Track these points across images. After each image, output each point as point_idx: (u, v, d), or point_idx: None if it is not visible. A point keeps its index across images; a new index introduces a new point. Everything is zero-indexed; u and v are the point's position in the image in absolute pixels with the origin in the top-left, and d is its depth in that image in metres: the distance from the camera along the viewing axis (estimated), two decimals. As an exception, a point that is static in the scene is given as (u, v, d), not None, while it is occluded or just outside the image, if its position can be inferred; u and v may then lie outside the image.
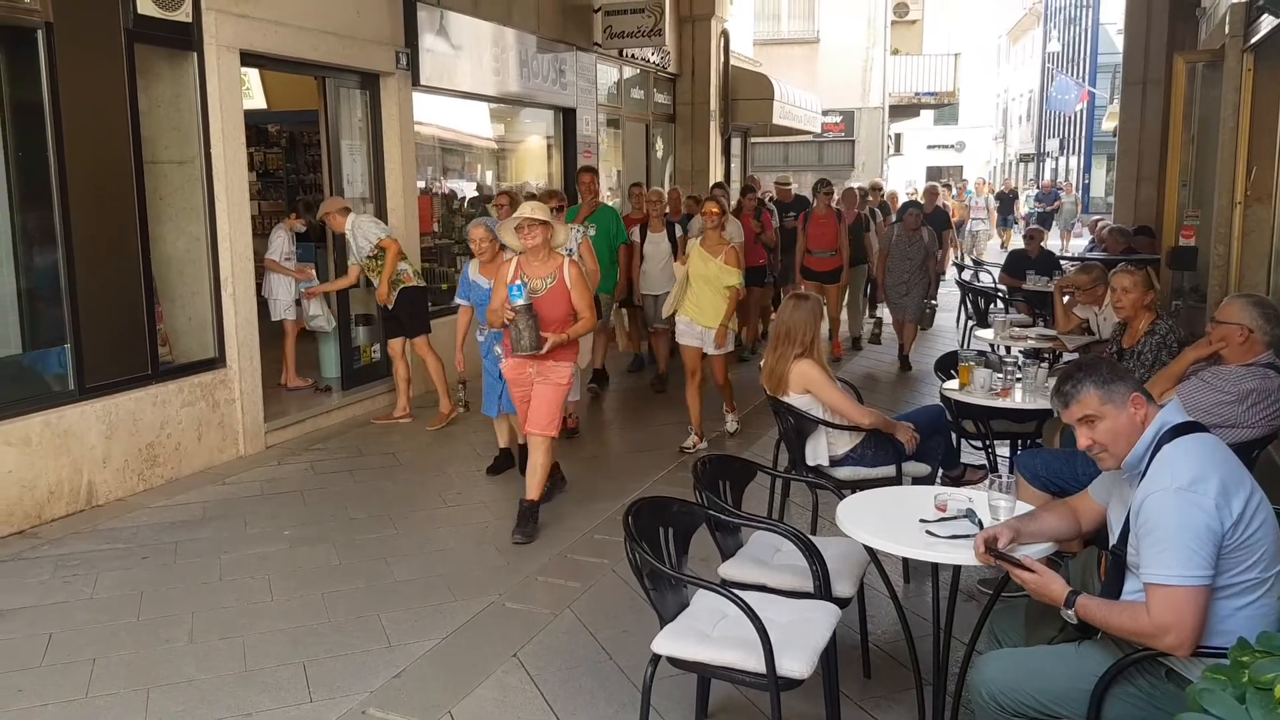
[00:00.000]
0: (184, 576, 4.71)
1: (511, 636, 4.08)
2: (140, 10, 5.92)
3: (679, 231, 8.73)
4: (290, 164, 12.28)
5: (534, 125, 11.63)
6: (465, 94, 9.65)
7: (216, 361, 6.62)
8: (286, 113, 11.39)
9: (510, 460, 6.23)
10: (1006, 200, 25.66)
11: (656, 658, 2.97)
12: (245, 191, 6.87)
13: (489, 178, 11.08)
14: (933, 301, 9.97)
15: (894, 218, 11.14)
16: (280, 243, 8.13)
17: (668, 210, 9.11)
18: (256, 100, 11.00)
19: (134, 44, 5.97)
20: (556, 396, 5.10)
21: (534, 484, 5.22)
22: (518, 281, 4.90)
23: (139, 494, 5.88)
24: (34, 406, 5.51)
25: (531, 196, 7.27)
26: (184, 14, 6.24)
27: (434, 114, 9.42)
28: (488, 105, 10.56)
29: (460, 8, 9.15)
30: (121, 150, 5.91)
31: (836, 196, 10.39)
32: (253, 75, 10.36)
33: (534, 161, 11.73)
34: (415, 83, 8.54)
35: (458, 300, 6.31)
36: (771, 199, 11.43)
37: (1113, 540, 2.71)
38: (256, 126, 11.09)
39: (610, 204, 10.13)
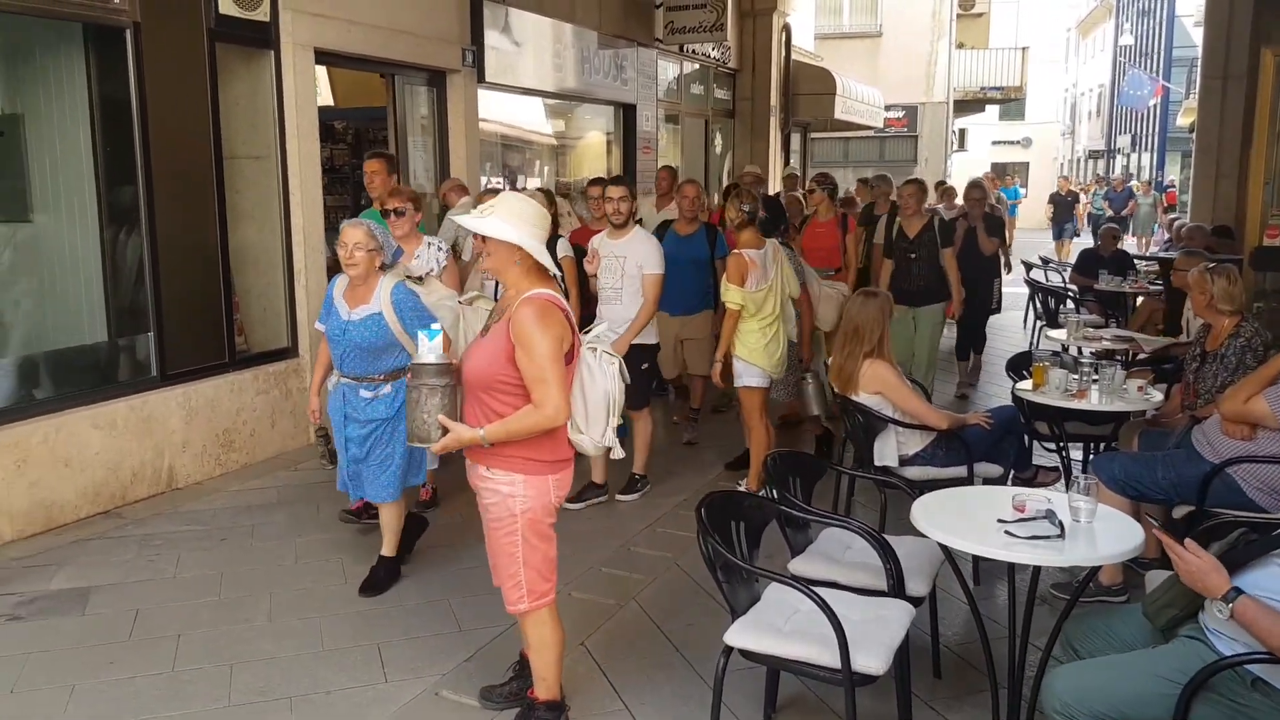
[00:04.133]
0: (261, 558, 4.84)
1: (577, 625, 4.12)
2: (221, 10, 6.09)
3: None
4: (355, 160, 12.50)
5: (594, 121, 11.70)
6: (527, 90, 9.75)
7: (289, 351, 6.79)
8: (351, 109, 11.60)
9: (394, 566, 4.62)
10: (1064, 205, 21.26)
11: (729, 649, 3.01)
12: (319, 186, 7.02)
13: (547, 173, 11.17)
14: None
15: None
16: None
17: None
18: (324, 97, 11.21)
19: (215, 43, 6.13)
20: (503, 550, 3.10)
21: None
22: (436, 325, 3.19)
23: (215, 478, 6.06)
24: (119, 391, 5.71)
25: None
26: (262, 13, 6.40)
27: (496, 110, 9.52)
28: (549, 101, 10.65)
29: (525, 5, 9.25)
30: (203, 146, 6.08)
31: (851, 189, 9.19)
32: (320, 73, 10.56)
33: (593, 157, 11.80)
34: (480, 79, 8.65)
35: (318, 324, 4.47)
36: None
37: None
38: (324, 123, 11.29)
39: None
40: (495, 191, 6.18)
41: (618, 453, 3.18)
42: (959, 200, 11.31)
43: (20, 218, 5.92)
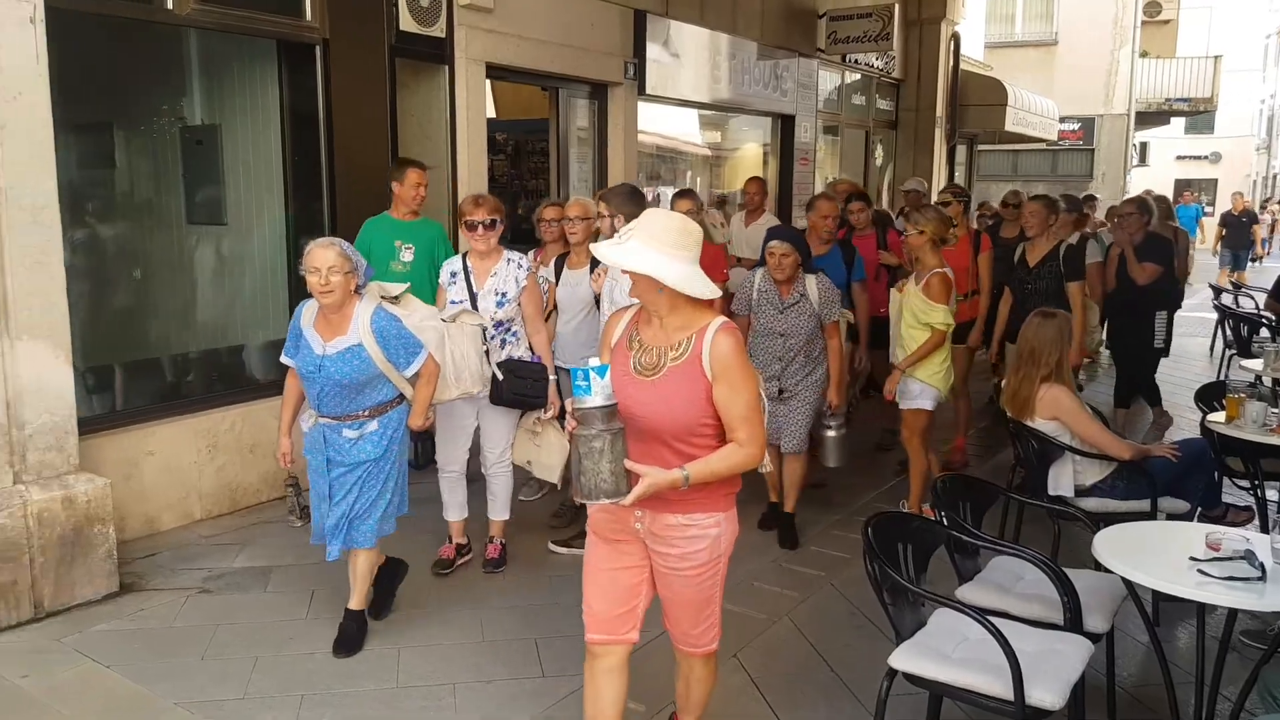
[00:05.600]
0: (428, 549, 4.97)
1: (729, 638, 4.04)
2: (402, 26, 6.39)
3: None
4: (514, 171, 12.90)
5: (751, 132, 11.67)
6: (686, 102, 9.82)
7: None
8: (510, 121, 11.97)
9: (360, 627, 4.06)
10: (1238, 227, 18.21)
11: (893, 672, 2.93)
12: (485, 196, 7.26)
13: (701, 185, 11.20)
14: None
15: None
16: None
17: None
18: (488, 110, 11.61)
19: (395, 58, 6.43)
20: (703, 594, 2.84)
21: None
22: (596, 359, 2.62)
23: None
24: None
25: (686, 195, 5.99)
26: (439, 29, 6.68)
27: (654, 121, 9.61)
28: (706, 113, 10.68)
29: (687, 17, 9.32)
30: (382, 156, 6.37)
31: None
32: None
33: (749, 169, 11.75)
34: (640, 92, 8.77)
35: (284, 358, 3.92)
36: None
37: None
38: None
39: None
40: (558, 204, 5.52)
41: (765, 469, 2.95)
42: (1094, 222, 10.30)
43: (216, 220, 6.37)
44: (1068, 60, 23.14)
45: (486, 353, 4.49)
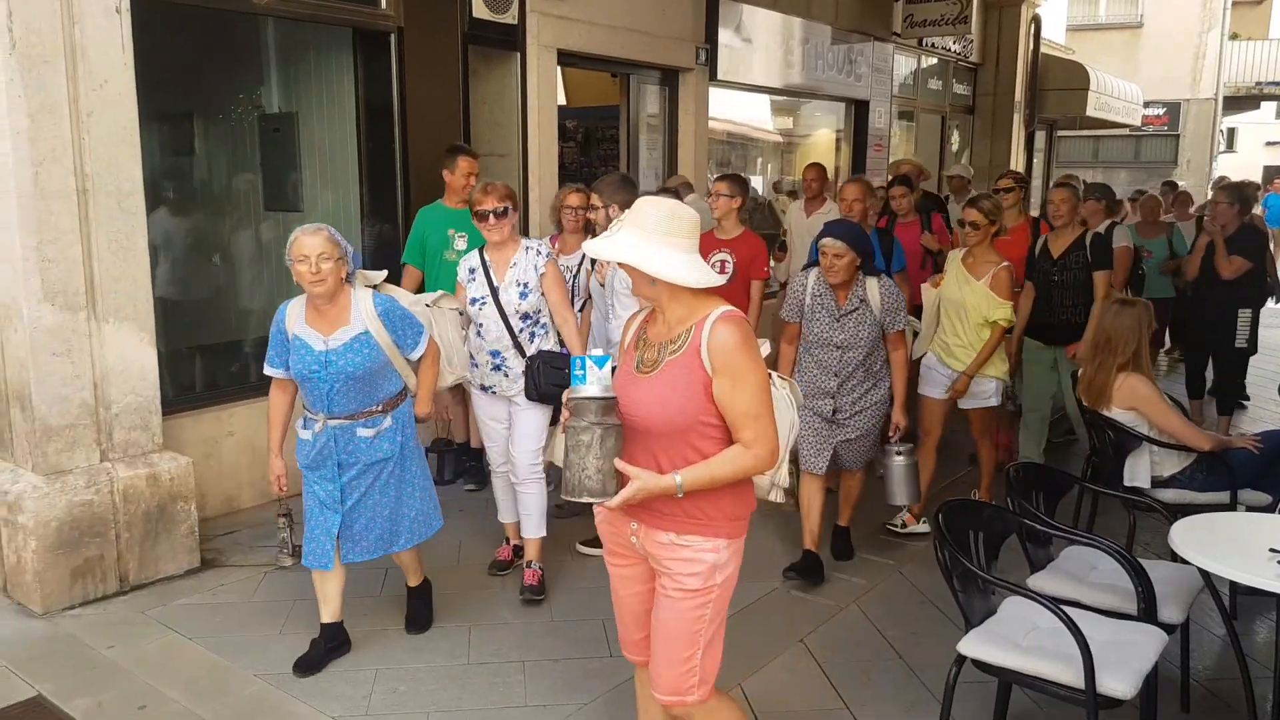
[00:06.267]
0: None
1: (797, 622, 4.12)
2: (475, 14, 6.45)
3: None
4: (584, 158, 12.94)
5: (823, 118, 11.54)
6: (757, 87, 9.74)
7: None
8: (580, 109, 12.01)
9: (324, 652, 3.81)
10: None
11: (961, 659, 2.91)
12: (556, 184, 7.30)
13: (772, 171, 11.11)
14: None
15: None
16: None
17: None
18: (558, 97, 11.66)
19: (468, 45, 6.50)
20: (684, 626, 2.49)
21: None
22: (597, 350, 2.47)
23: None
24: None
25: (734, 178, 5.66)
26: (511, 16, 6.73)
27: (725, 108, 9.56)
28: (778, 98, 10.59)
29: (760, 1, 9.23)
30: (454, 143, 6.46)
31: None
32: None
33: (821, 155, 11.62)
34: (712, 77, 8.72)
35: (270, 369, 3.66)
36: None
37: None
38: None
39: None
40: (582, 191, 5.32)
41: (779, 497, 2.66)
42: (1191, 209, 9.83)
43: (293, 207, 6.52)
44: (1153, 43, 22.41)
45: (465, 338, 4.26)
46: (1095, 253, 5.60)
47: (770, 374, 2.53)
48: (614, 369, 2.44)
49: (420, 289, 5.27)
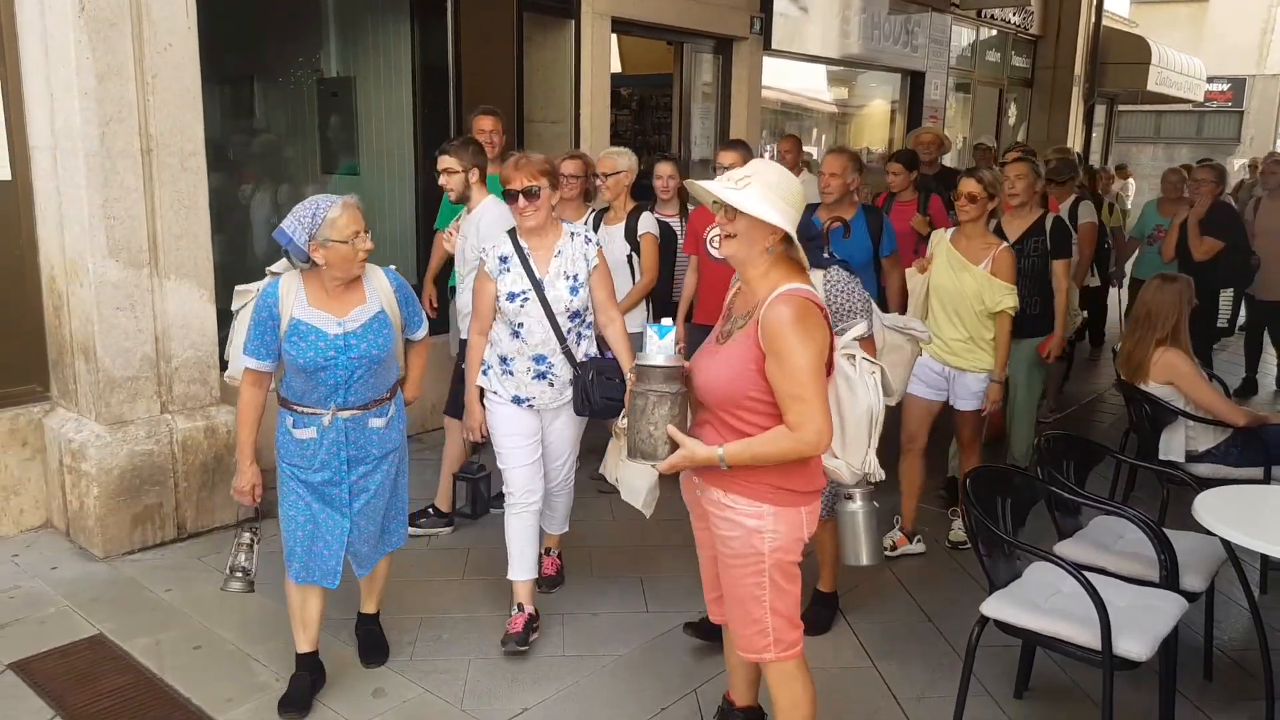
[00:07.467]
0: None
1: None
2: (531, -20, 6.52)
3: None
4: (637, 126, 12.95)
5: (878, 89, 11.44)
6: (812, 57, 9.70)
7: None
8: (634, 76, 12.01)
9: (307, 690, 3.33)
10: None
11: (984, 619, 2.98)
12: (607, 150, 7.38)
13: (825, 142, 11.06)
14: None
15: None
16: None
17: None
18: (612, 65, 11.68)
19: (523, 12, 6.56)
20: (742, 590, 2.57)
21: None
22: (666, 320, 2.55)
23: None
24: (433, 330, 6.26)
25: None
26: (566, -17, 6.78)
27: (778, 77, 9.53)
28: (832, 68, 10.52)
29: (817, -30, 9.19)
30: (509, 110, 6.48)
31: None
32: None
33: (875, 126, 11.55)
34: (766, 46, 8.71)
35: (252, 361, 3.13)
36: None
37: None
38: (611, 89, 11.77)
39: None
40: (611, 157, 5.00)
41: (878, 475, 2.67)
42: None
43: (350, 170, 6.67)
44: (1219, 17, 21.74)
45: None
46: (1055, 239, 4.98)
47: (853, 356, 2.54)
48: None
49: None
